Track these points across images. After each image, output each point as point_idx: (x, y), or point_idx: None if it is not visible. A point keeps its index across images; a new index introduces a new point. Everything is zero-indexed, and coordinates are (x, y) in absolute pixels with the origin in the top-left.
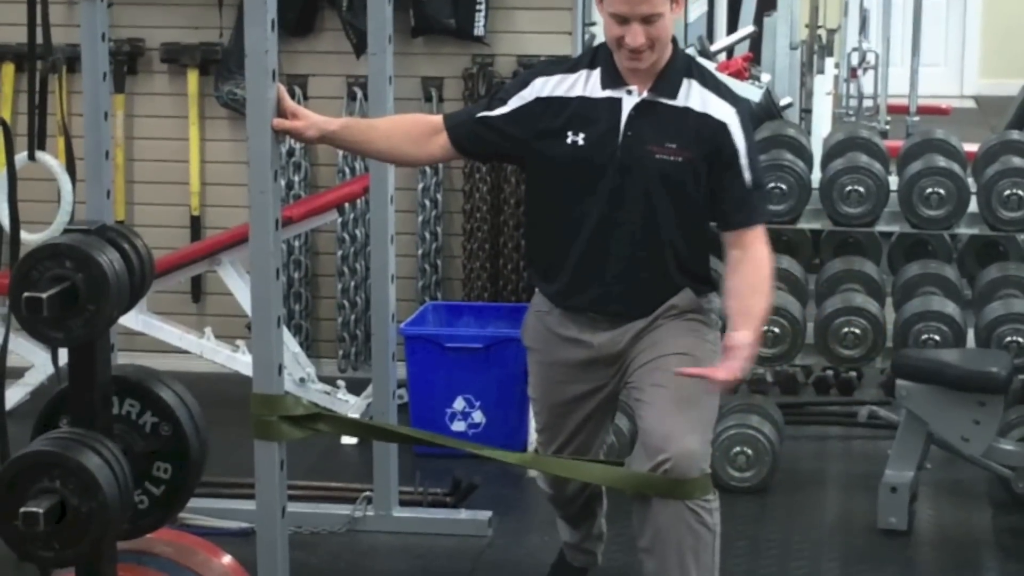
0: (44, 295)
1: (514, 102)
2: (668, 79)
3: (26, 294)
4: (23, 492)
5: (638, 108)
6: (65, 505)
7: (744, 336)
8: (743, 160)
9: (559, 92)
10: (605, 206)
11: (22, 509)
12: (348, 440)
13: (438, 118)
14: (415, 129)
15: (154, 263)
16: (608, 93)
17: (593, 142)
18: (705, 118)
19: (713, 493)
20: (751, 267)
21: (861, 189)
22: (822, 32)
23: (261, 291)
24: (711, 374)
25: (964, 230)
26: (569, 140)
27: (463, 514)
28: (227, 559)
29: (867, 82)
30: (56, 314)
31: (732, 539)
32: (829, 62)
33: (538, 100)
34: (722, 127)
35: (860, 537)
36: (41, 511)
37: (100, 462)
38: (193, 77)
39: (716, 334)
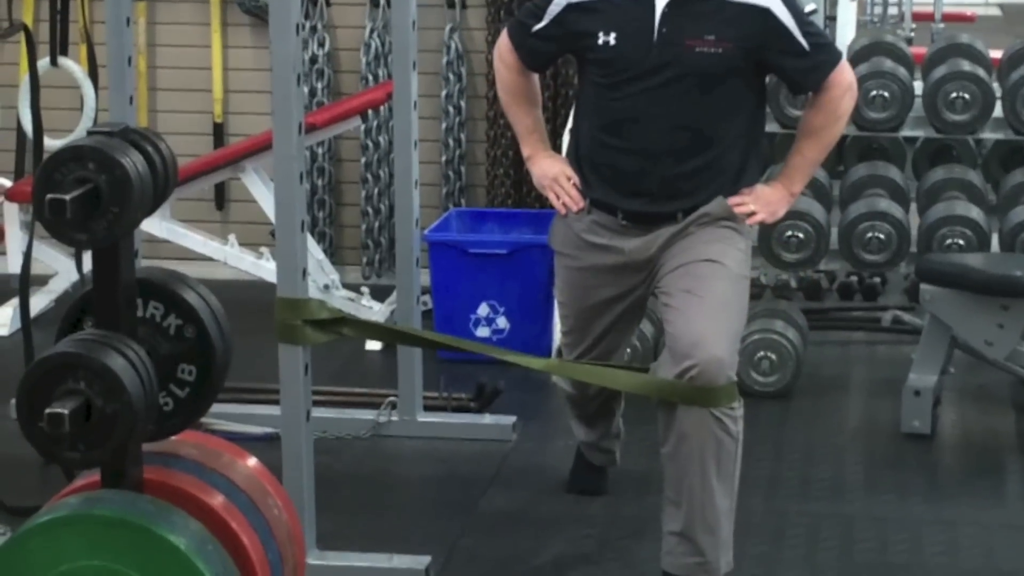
0: (67, 197)
1: (550, 11)
2: None
3: (49, 196)
4: (48, 393)
5: (671, 4)
6: (90, 406)
7: (772, 189)
8: (796, 34)
9: None
10: (643, 105)
11: (47, 410)
12: (372, 346)
13: (513, 58)
14: (525, 86)
15: (177, 166)
16: None
17: (626, 41)
18: (746, 8)
19: (738, 401)
20: (812, 113)
21: (886, 94)
22: None
23: (284, 195)
24: (740, 202)
25: (989, 135)
26: (601, 41)
27: (487, 419)
28: (252, 461)
29: None
30: (79, 216)
31: (755, 443)
32: None
33: (569, 7)
34: (765, 12)
35: (883, 441)
36: (66, 412)
37: (125, 363)
38: None
39: (748, 242)
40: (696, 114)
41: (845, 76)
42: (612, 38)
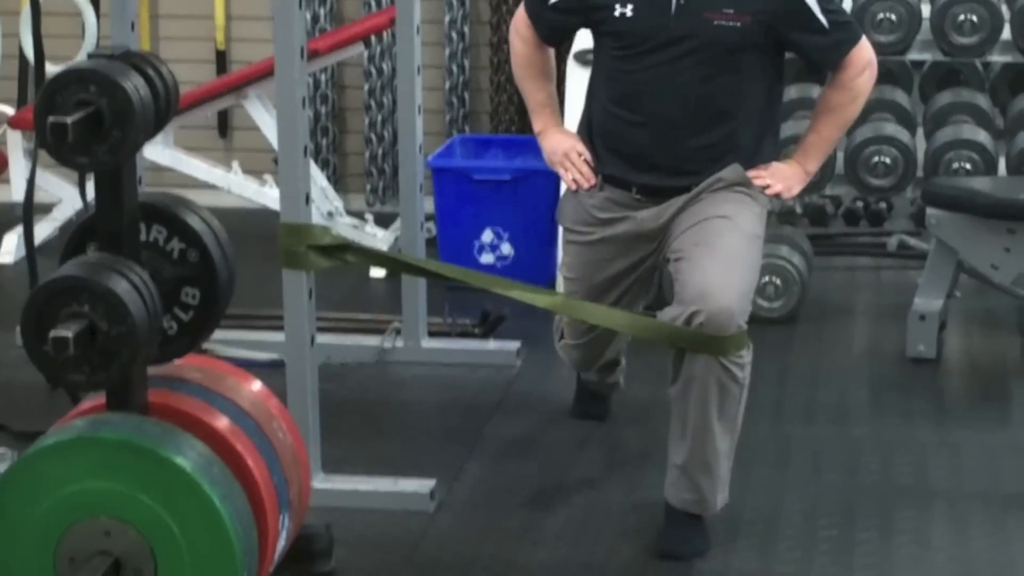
0: (69, 120)
1: None
2: None
3: (51, 119)
4: (52, 317)
5: None
6: (94, 329)
7: (787, 166)
8: (816, 12)
9: None
10: (658, 78)
11: (51, 334)
12: (376, 273)
13: (530, 32)
14: (540, 60)
15: (178, 89)
16: None
17: (643, 13)
18: None
19: (747, 348)
20: (830, 91)
21: (893, 17)
22: None
23: (287, 121)
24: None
25: (997, 58)
26: (617, 12)
27: (492, 345)
28: (257, 385)
29: None
30: (82, 139)
31: (761, 368)
32: None
33: None
34: None
35: (889, 365)
36: (70, 335)
37: (128, 286)
38: None
39: (763, 208)
40: (712, 88)
41: (864, 55)
42: (629, 10)
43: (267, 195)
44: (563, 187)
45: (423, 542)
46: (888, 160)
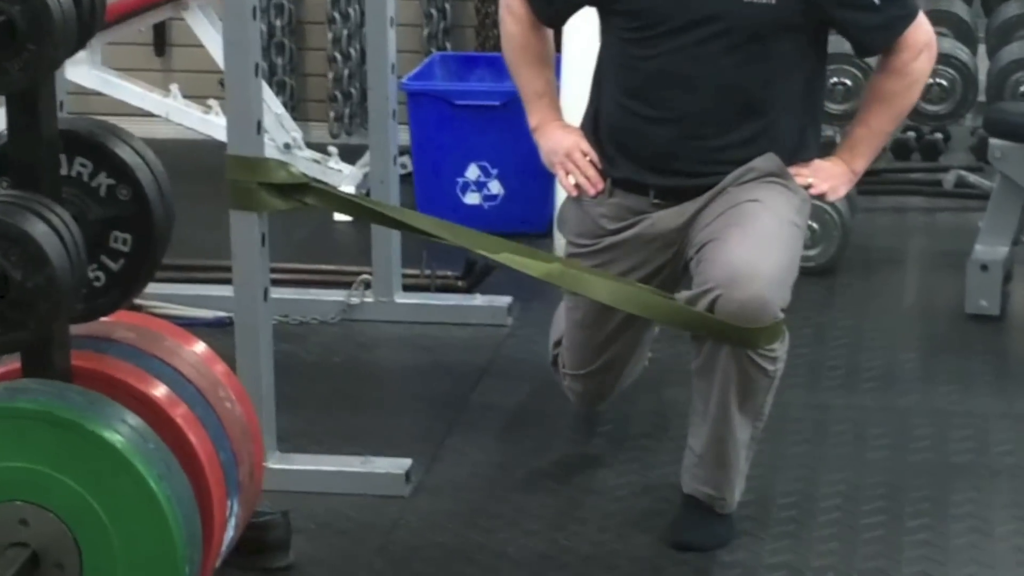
0: None
1: None
2: None
3: None
4: None
5: None
6: (7, 279)
7: (831, 163)
8: None
9: None
10: (679, 65)
11: None
12: (343, 217)
13: (525, 10)
14: (536, 43)
15: None
16: None
17: None
18: None
19: (781, 340)
20: (881, 77)
21: None
22: None
23: (235, 35)
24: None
25: None
26: None
27: (478, 300)
28: (200, 347)
29: None
30: None
31: (796, 327)
32: None
33: None
34: None
35: (944, 323)
36: None
37: (46, 229)
38: None
39: (803, 202)
40: (743, 76)
41: (922, 34)
42: None
43: (212, 124)
44: (561, 193)
45: (397, 531)
46: (944, 82)
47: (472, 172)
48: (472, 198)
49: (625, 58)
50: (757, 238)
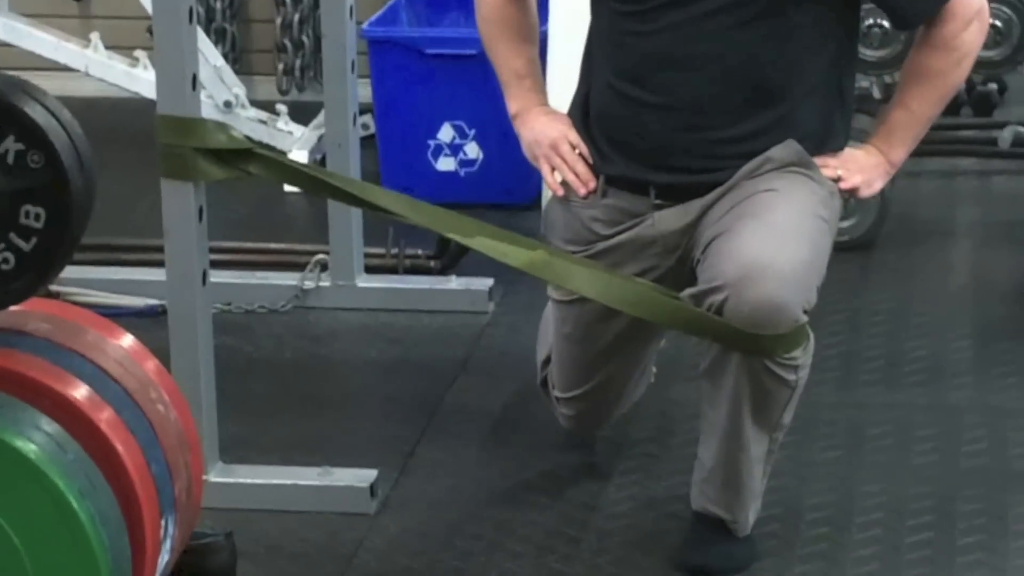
0: None
1: None
2: None
3: None
4: None
5: None
6: None
7: (865, 153)
8: None
9: None
10: (683, 42)
11: None
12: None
13: None
14: (515, 15)
15: None
16: None
17: None
18: None
19: (803, 346)
20: (923, 52)
21: None
22: None
23: None
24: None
25: None
26: None
27: (454, 283)
28: (127, 340)
29: None
30: None
31: (827, 312)
32: None
33: None
34: None
35: (999, 305)
36: None
37: None
38: None
39: (831, 197)
40: (758, 56)
41: (970, 1)
42: None
43: (140, 79)
44: (547, 192)
45: (361, 554)
46: (999, 23)
47: (446, 133)
48: (446, 164)
49: (618, 34)
50: (774, 229)
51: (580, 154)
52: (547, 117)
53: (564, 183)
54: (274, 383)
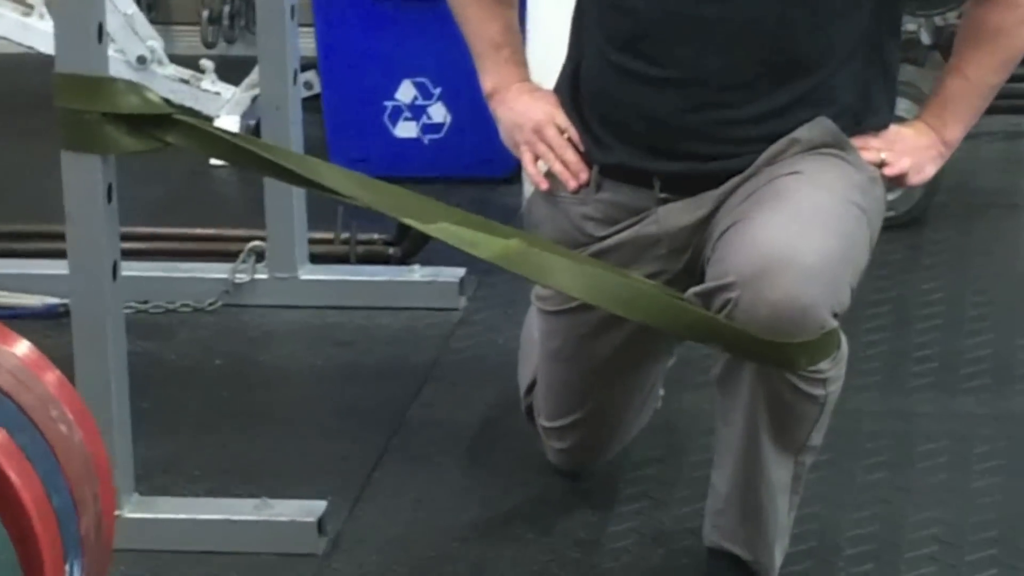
0: None
1: None
2: None
3: None
4: None
5: None
6: None
7: (914, 131)
8: None
9: None
10: (691, 5)
11: None
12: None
13: None
14: None
15: None
16: None
17: None
18: None
19: (832, 357)
20: (982, 8)
21: None
22: None
23: None
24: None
25: None
26: None
27: (417, 274)
28: (22, 347)
29: None
30: None
31: (870, 303)
32: None
33: None
34: None
35: None
36: None
37: None
38: None
39: (871, 183)
40: (783, 15)
41: None
42: None
43: (34, 30)
44: (528, 185)
45: None
46: None
47: (405, 92)
48: (406, 129)
49: None
50: (797, 213)
51: (569, 139)
52: (529, 96)
53: (550, 175)
54: (200, 397)
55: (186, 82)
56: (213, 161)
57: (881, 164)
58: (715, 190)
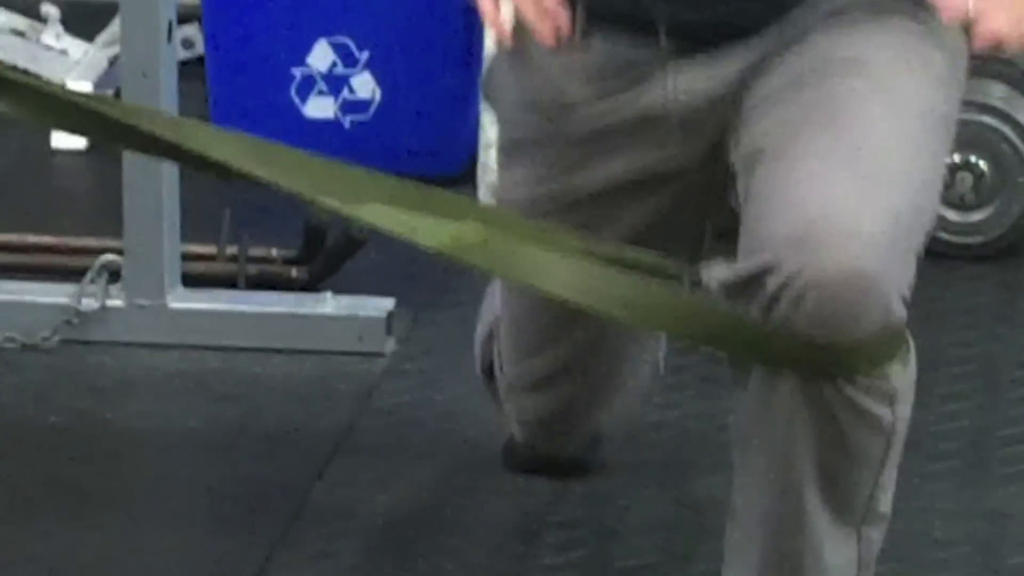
0: None
1: None
2: None
3: None
4: None
5: None
6: None
7: None
8: None
9: None
10: None
11: None
12: (70, 142)
13: None
14: None
15: None
16: None
17: None
18: None
19: (903, 361)
20: None
21: None
22: None
23: None
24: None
25: None
26: None
27: (329, 305)
28: None
29: None
30: None
31: (944, 363)
32: None
33: None
34: None
35: None
36: None
37: None
38: None
39: (952, 58)
40: None
41: None
42: None
43: None
44: (484, 184)
45: None
46: None
47: (319, 57)
48: (320, 107)
49: None
50: (859, 156)
51: None
52: None
53: (519, 28)
54: (26, 468)
55: (21, 34)
56: (55, 142)
57: (967, 24)
58: (742, 47)
